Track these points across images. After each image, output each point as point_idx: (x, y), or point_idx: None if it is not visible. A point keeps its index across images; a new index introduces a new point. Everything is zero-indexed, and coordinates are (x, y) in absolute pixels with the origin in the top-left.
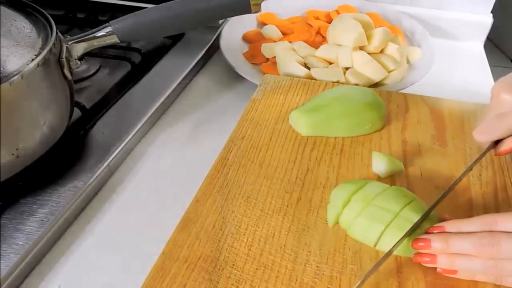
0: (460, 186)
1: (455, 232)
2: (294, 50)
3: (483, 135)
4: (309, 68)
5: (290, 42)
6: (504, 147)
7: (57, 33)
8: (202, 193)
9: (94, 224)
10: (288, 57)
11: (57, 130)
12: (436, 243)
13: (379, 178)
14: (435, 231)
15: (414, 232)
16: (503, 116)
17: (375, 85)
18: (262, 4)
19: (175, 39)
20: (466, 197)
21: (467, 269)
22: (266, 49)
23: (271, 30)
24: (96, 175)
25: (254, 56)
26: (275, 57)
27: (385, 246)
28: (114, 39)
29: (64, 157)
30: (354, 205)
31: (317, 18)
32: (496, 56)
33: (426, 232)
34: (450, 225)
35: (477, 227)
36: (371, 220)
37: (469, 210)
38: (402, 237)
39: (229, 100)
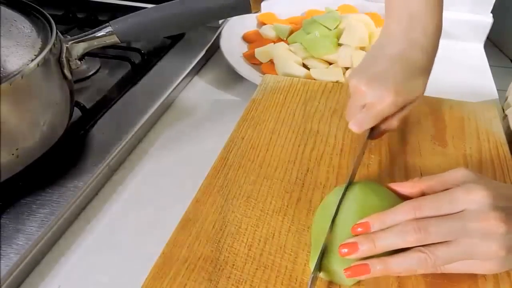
0: None
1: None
2: (291, 51)
3: (359, 127)
4: (308, 68)
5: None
6: (376, 134)
7: (57, 33)
8: (202, 193)
9: (94, 224)
10: (286, 58)
11: (57, 130)
12: (363, 246)
13: (378, 178)
14: (358, 229)
15: None
16: (370, 107)
17: None
18: (262, 4)
19: (175, 39)
20: None
21: (403, 267)
22: (261, 53)
23: (270, 30)
24: (96, 175)
25: (254, 56)
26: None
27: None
28: (114, 39)
29: (64, 157)
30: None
31: None
32: (496, 56)
33: (353, 232)
34: (374, 219)
35: (402, 216)
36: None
37: None
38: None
39: (229, 100)
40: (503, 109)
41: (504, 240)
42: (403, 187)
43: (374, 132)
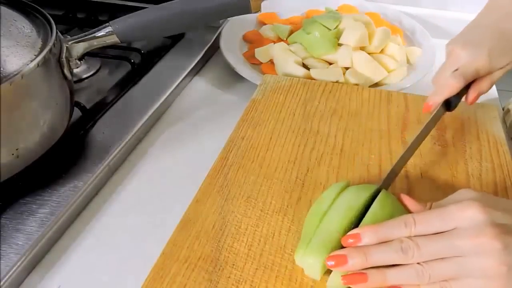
0: (460, 185)
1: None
2: (291, 51)
3: (450, 88)
4: (308, 68)
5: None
6: (471, 95)
7: (57, 33)
8: (202, 193)
9: (94, 224)
10: (286, 57)
11: (57, 130)
12: (354, 259)
13: (378, 178)
14: (349, 240)
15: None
16: (463, 67)
17: (375, 85)
18: (262, 4)
19: (175, 39)
20: None
21: (400, 280)
22: (261, 53)
23: (270, 31)
24: (96, 175)
25: (254, 56)
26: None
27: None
28: (114, 39)
29: (64, 157)
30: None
31: None
32: None
33: (342, 243)
34: (366, 232)
35: (396, 232)
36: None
37: None
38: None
39: (229, 100)
40: (503, 109)
41: (501, 256)
42: (413, 207)
43: (469, 95)
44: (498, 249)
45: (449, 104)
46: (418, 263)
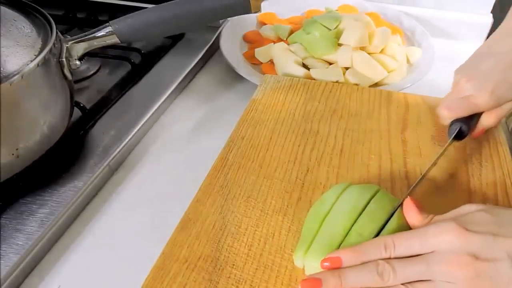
0: (460, 185)
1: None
2: (291, 51)
3: (450, 112)
4: (308, 68)
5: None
6: (476, 131)
7: (57, 33)
8: (202, 193)
9: (94, 224)
10: (286, 58)
11: (57, 130)
12: (328, 284)
13: (378, 178)
14: (325, 263)
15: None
16: (466, 98)
17: (375, 85)
18: (262, 4)
19: (175, 39)
20: (466, 197)
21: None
22: (261, 53)
23: (270, 31)
24: (96, 175)
25: (254, 56)
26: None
27: None
28: (114, 39)
29: (64, 157)
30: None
31: None
32: None
33: (321, 266)
34: (346, 255)
35: (374, 254)
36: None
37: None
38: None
39: (229, 100)
40: None
41: (472, 285)
42: (412, 219)
43: (467, 130)
44: (469, 278)
45: (460, 134)
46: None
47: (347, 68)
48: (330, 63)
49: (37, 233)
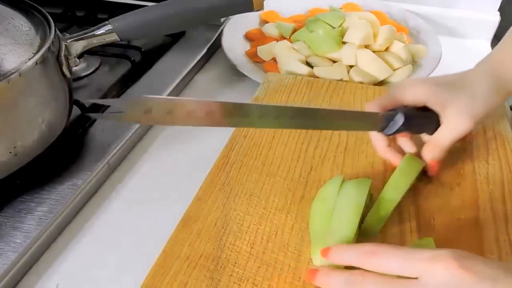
0: (467, 184)
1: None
2: (294, 49)
3: (372, 104)
4: (311, 67)
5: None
6: (430, 170)
7: (55, 31)
8: (203, 191)
9: (93, 222)
10: (289, 56)
11: (56, 128)
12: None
13: (383, 175)
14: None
15: None
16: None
17: (380, 83)
18: (265, 2)
19: (176, 37)
20: (473, 196)
21: None
22: (263, 51)
23: (273, 29)
24: (95, 173)
25: (256, 54)
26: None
27: None
28: (113, 37)
29: (63, 155)
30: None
31: None
32: None
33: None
34: (333, 253)
35: (355, 260)
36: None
37: (476, 209)
38: None
39: (231, 99)
40: (510, 108)
41: None
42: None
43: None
44: None
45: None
46: None
47: (351, 66)
48: (334, 61)
49: (35, 231)
